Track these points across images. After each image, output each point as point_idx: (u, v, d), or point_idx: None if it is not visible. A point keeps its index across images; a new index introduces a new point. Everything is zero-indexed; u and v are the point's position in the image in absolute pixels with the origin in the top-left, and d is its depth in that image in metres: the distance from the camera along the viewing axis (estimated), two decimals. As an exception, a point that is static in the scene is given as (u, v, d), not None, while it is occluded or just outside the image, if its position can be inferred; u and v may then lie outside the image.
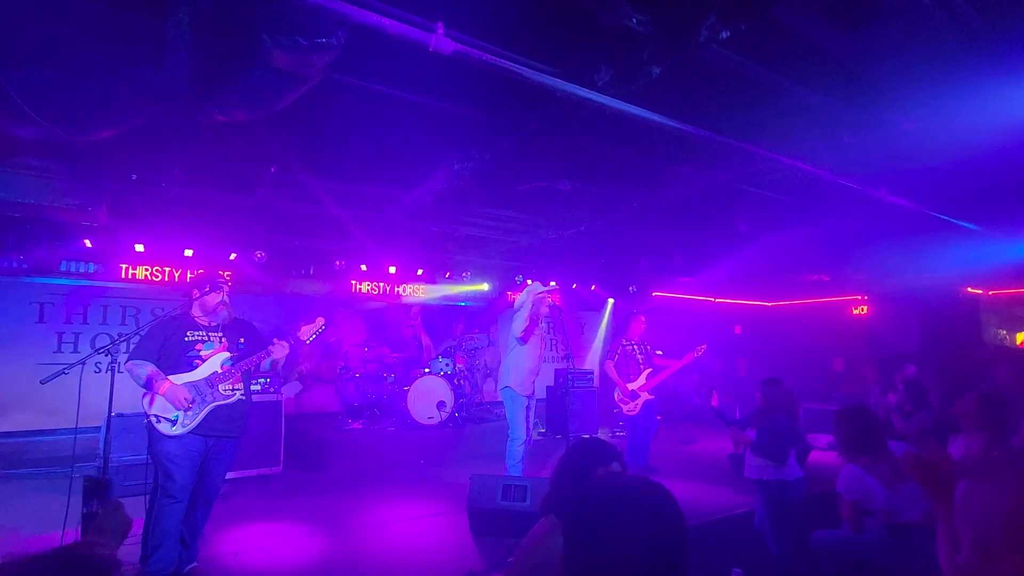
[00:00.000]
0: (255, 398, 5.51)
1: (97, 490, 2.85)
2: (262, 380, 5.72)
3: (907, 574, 2.76)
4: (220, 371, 3.41)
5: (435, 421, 6.59)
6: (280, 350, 3.56)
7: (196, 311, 3.49)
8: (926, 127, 3.58)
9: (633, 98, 3.05)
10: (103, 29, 2.71)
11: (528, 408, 4.99)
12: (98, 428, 3.12)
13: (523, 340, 4.93)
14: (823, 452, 6.90)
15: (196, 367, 3.37)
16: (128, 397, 3.62)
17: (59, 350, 6.04)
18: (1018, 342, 9.42)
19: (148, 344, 3.32)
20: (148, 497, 3.25)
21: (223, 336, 3.54)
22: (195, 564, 3.43)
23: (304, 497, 5.08)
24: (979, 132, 3.55)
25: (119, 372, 3.27)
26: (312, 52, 2.65)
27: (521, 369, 4.95)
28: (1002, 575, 0.71)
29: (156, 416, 3.21)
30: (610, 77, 2.91)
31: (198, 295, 3.48)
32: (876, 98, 3.40)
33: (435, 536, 4.13)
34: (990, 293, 8.75)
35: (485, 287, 8.59)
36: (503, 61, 2.56)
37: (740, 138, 3.53)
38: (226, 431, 3.42)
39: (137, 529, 3.55)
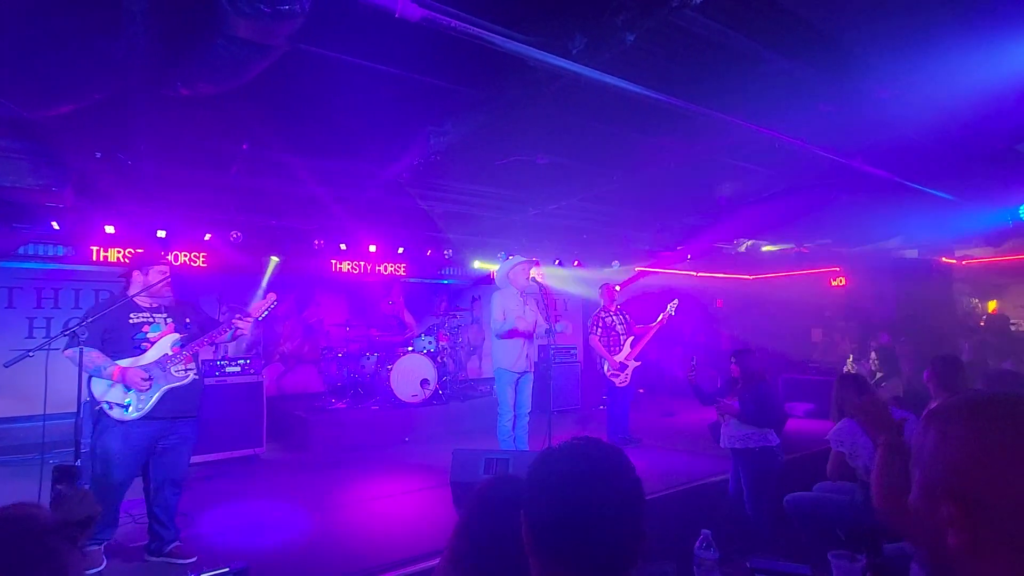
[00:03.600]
0: (235, 380, 5.51)
1: (65, 478, 2.80)
2: (241, 361, 5.67)
3: (878, 531, 2.85)
4: (171, 353, 3.33)
5: (419, 399, 6.60)
6: (245, 324, 3.51)
7: (137, 292, 3.37)
8: (901, 96, 3.60)
9: (608, 67, 3.00)
10: (54, -3, 2.59)
11: (520, 383, 4.99)
12: (71, 414, 3.05)
13: (501, 337, 4.91)
14: (800, 420, 7.07)
15: (145, 350, 3.28)
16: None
17: (31, 335, 5.91)
18: (990, 310, 9.67)
19: (89, 330, 3.10)
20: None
21: (168, 317, 3.44)
22: (177, 543, 3.42)
23: (287, 476, 5.09)
24: (952, 100, 3.57)
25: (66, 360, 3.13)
26: (275, 20, 2.55)
27: (509, 348, 4.94)
28: (939, 519, 0.72)
29: (108, 403, 3.10)
30: (584, 45, 2.85)
31: (141, 277, 3.37)
32: (852, 66, 3.39)
33: (418, 511, 4.16)
34: (963, 262, 8.93)
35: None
36: (473, 28, 2.50)
37: (717, 108, 3.50)
38: (182, 411, 3.37)
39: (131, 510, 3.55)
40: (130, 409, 3.17)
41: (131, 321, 3.29)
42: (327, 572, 3.21)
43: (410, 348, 6.89)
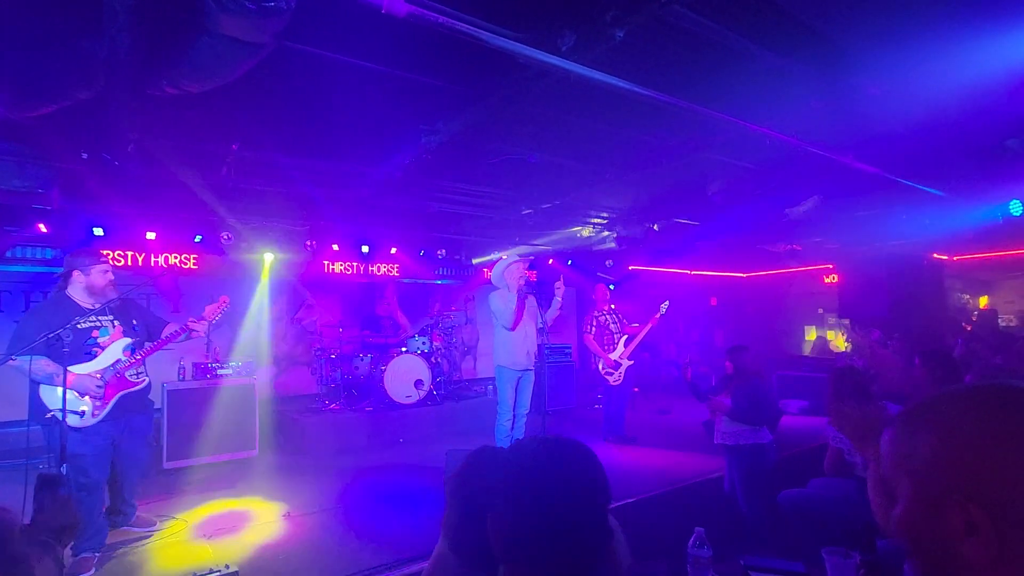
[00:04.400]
0: (227, 382, 5.46)
1: (47, 486, 2.76)
2: (233, 363, 5.63)
3: (872, 527, 2.84)
4: (123, 358, 3.26)
5: (413, 400, 6.58)
6: (200, 326, 3.50)
7: (79, 294, 3.23)
8: (891, 91, 3.59)
9: (598, 64, 2.98)
10: (34, -5, 2.55)
11: (521, 382, 4.96)
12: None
13: (511, 329, 4.88)
14: (794, 417, 7.09)
15: (95, 356, 3.18)
16: None
17: (19, 339, 5.83)
18: (981, 305, 9.73)
19: (31, 336, 2.95)
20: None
21: (115, 319, 3.30)
22: (138, 515, 3.65)
23: (280, 479, 5.05)
24: (941, 96, 3.57)
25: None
26: (261, 17, 2.52)
27: (510, 346, 4.91)
28: (950, 530, 0.63)
29: (60, 411, 2.95)
30: (574, 41, 2.83)
31: (83, 277, 3.23)
32: (842, 63, 3.39)
33: (412, 512, 4.13)
34: (955, 258, 8.98)
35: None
36: (462, 24, 2.48)
37: (708, 104, 3.49)
38: (136, 408, 3.41)
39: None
40: (86, 416, 3.10)
41: (80, 326, 3.13)
42: (321, 575, 3.19)
43: (404, 349, 6.86)
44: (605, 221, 7.58)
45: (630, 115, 4.04)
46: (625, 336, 6.13)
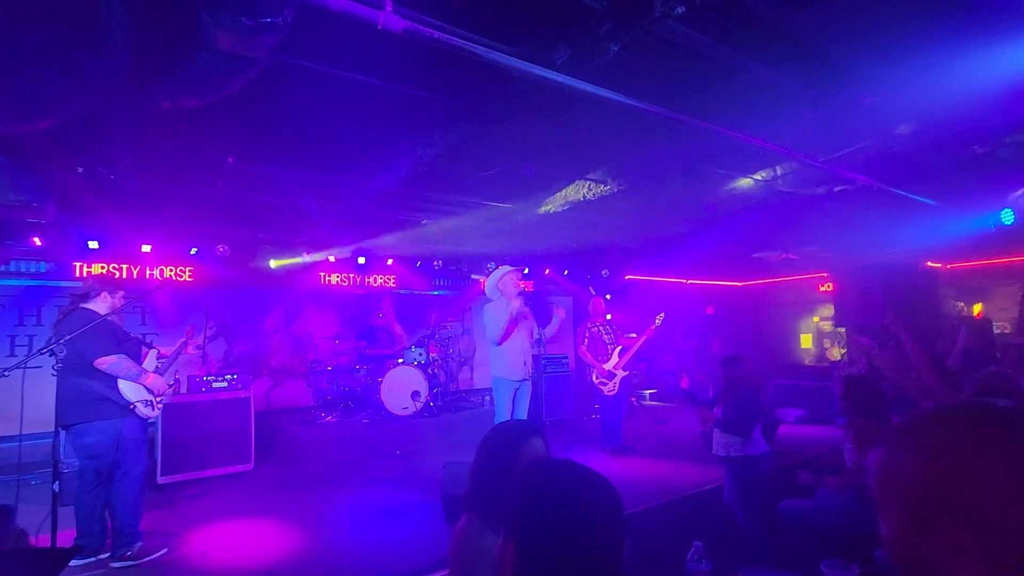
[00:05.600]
0: (222, 395, 5.43)
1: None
2: (229, 376, 5.59)
3: (871, 538, 2.84)
4: (159, 366, 3.80)
5: (410, 411, 6.54)
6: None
7: (102, 311, 3.55)
8: (882, 102, 3.63)
9: (592, 77, 3.01)
10: (32, 11, 2.56)
11: (518, 392, 4.94)
12: (49, 434, 3.00)
13: (499, 343, 4.86)
14: (792, 426, 7.08)
15: (141, 364, 3.67)
16: None
17: (12, 353, 5.79)
18: (975, 313, 9.76)
19: (111, 341, 3.47)
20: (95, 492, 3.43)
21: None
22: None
23: (276, 493, 5.00)
24: (933, 106, 3.61)
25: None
26: (258, 33, 2.54)
27: (506, 356, 4.89)
28: (938, 549, 0.63)
29: (142, 401, 3.53)
30: (568, 55, 2.86)
31: (109, 298, 3.61)
32: (833, 74, 3.43)
33: (409, 526, 4.10)
34: (948, 266, 9.03)
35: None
36: (457, 39, 2.49)
37: (701, 116, 3.52)
38: None
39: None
40: (154, 407, 3.66)
41: (130, 336, 3.70)
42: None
43: (400, 360, 6.83)
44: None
45: (625, 127, 4.07)
46: (619, 347, 6.16)
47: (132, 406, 3.49)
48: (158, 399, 3.67)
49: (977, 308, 9.78)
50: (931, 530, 0.63)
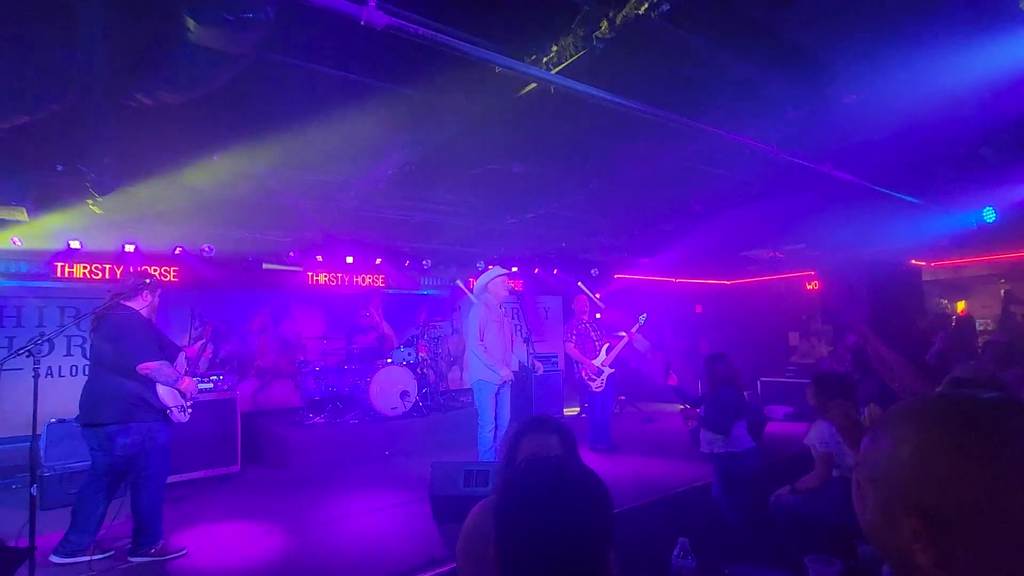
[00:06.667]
0: (207, 396, 5.37)
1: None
2: (214, 377, 5.53)
3: (855, 529, 2.86)
4: (187, 367, 3.81)
5: (399, 411, 6.51)
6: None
7: (147, 312, 3.61)
8: (866, 101, 3.66)
9: (579, 75, 3.01)
10: (8, 6, 2.50)
11: (500, 393, 4.94)
12: (26, 438, 2.95)
13: (480, 340, 4.85)
14: (780, 423, 7.14)
15: (175, 366, 3.66)
16: (56, 403, 3.49)
17: (-8, 355, 5.68)
18: (959, 310, 9.91)
19: (154, 345, 3.51)
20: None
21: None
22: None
23: (263, 495, 4.95)
24: (916, 105, 3.65)
25: (56, 377, 3.17)
26: (240, 29, 2.50)
27: (488, 359, 4.88)
28: (902, 537, 0.65)
29: (177, 407, 3.60)
30: (554, 53, 2.86)
31: (150, 297, 3.65)
32: (817, 73, 3.46)
33: (398, 526, 4.08)
34: (932, 265, 9.15)
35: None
36: (441, 36, 2.48)
37: (687, 115, 3.53)
38: None
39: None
40: (186, 413, 3.68)
41: (167, 338, 3.76)
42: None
43: (389, 360, 6.80)
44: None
45: (611, 125, 4.07)
46: (607, 344, 6.21)
47: (168, 410, 3.55)
48: (188, 403, 3.69)
49: (960, 306, 9.92)
50: (894, 515, 0.66)
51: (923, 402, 0.73)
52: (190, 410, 3.72)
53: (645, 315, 6.14)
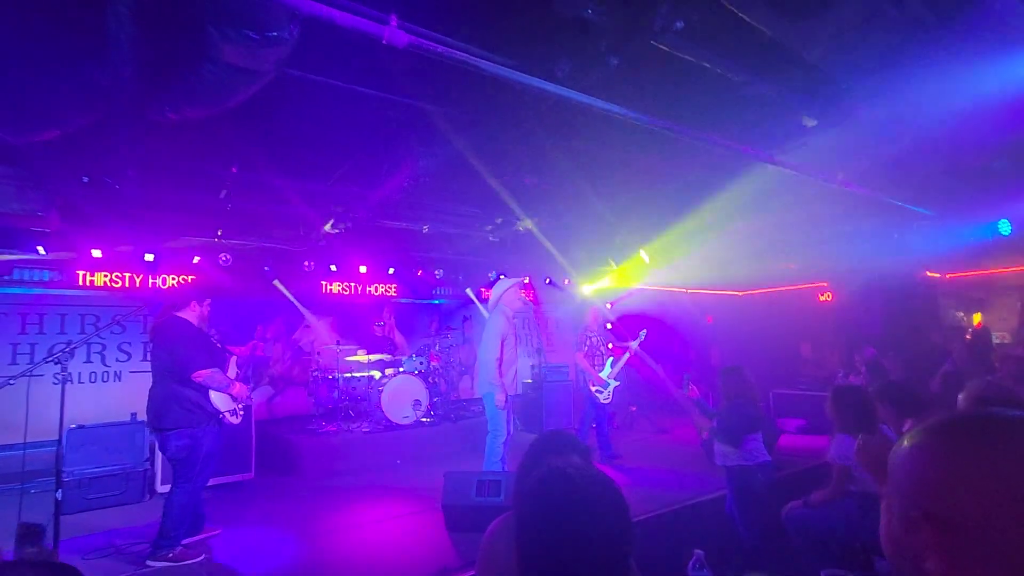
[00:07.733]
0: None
1: (30, 536, 2.81)
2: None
3: (873, 544, 2.83)
4: (237, 372, 3.97)
5: (410, 420, 6.54)
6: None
7: (197, 321, 3.74)
8: (878, 115, 3.67)
9: (593, 90, 3.05)
10: (41, 24, 2.60)
11: (508, 405, 4.94)
12: (53, 442, 3.01)
13: (499, 356, 4.85)
14: (792, 436, 7.07)
15: (226, 372, 3.84)
16: (76, 409, 3.56)
17: (14, 362, 5.79)
18: (975, 323, 9.77)
19: (206, 354, 3.65)
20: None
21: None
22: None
23: (277, 502, 4.99)
24: (929, 119, 3.66)
25: (76, 383, 3.24)
26: (264, 47, 2.58)
27: (498, 380, 4.87)
28: (917, 543, 0.68)
29: (230, 411, 3.77)
30: (569, 68, 2.91)
31: (198, 307, 3.79)
32: (830, 87, 3.47)
33: (410, 535, 4.09)
34: (947, 276, 9.05)
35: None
36: (460, 53, 2.54)
37: (700, 128, 3.56)
38: None
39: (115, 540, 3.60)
40: (238, 416, 3.82)
41: (219, 346, 3.92)
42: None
43: (401, 369, 6.84)
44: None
45: (625, 138, 4.11)
46: (612, 357, 6.25)
47: (221, 415, 3.72)
48: (240, 407, 3.84)
49: (977, 318, 9.78)
50: (910, 525, 0.69)
51: (952, 417, 0.76)
52: (242, 413, 3.86)
53: (645, 331, 6.30)
